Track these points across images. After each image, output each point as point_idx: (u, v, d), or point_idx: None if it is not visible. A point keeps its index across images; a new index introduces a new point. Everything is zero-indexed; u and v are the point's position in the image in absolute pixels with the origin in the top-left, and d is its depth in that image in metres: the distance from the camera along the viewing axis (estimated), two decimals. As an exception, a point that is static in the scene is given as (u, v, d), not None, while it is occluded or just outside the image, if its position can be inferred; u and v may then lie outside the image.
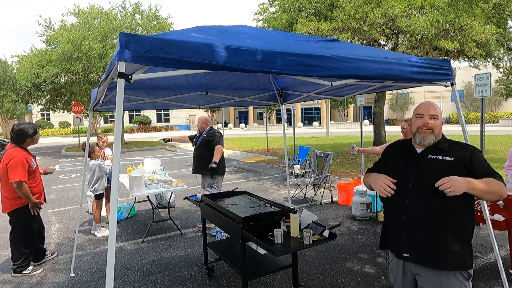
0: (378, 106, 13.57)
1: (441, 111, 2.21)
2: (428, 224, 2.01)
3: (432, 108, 2.13)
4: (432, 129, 2.10)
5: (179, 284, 3.70)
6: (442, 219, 1.99)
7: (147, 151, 19.30)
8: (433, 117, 2.11)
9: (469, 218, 2.04)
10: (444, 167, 2.03)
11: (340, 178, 9.13)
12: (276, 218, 3.02)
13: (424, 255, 2.02)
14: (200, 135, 5.48)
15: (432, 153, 2.10)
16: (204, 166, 5.18)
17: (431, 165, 2.07)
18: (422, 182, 2.04)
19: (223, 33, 2.59)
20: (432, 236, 2.00)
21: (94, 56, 16.01)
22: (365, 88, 4.01)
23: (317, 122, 44.44)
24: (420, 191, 2.04)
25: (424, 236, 2.03)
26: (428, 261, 2.01)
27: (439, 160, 2.07)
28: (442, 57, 10.01)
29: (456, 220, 1.99)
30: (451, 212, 1.98)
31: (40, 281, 3.88)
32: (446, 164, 2.04)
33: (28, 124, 4.10)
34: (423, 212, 2.02)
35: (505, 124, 31.22)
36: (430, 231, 2.01)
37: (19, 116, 40.79)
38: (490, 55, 11.48)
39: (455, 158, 2.04)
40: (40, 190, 4.16)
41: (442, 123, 2.16)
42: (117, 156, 1.93)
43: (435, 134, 2.11)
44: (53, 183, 10.17)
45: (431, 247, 2.00)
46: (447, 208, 1.98)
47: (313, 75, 2.25)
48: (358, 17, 10.16)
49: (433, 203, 1.99)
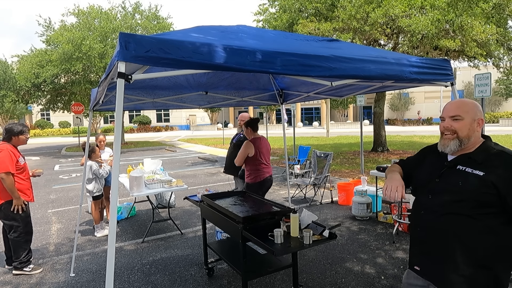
0: (378, 106, 13.58)
1: (479, 108, 1.80)
2: (442, 242, 1.77)
3: (453, 108, 1.79)
4: (456, 133, 1.76)
5: (179, 284, 3.70)
6: (460, 240, 1.71)
7: (147, 151, 19.30)
8: (456, 118, 1.76)
9: (499, 243, 1.67)
10: (467, 183, 1.69)
11: (340, 178, 9.13)
12: (276, 218, 3.02)
13: (433, 272, 1.82)
14: (238, 133, 5.22)
15: (462, 163, 1.76)
16: (233, 167, 4.89)
17: (455, 178, 1.75)
18: (440, 195, 1.78)
19: (222, 33, 2.60)
20: (443, 255, 1.77)
21: (94, 56, 16.02)
22: (365, 88, 4.01)
23: (317, 122, 44.44)
24: (438, 204, 1.78)
25: (435, 253, 1.80)
26: (436, 280, 1.80)
27: (466, 173, 1.72)
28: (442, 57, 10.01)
29: (480, 243, 1.68)
30: (475, 233, 1.68)
31: (40, 281, 3.88)
32: (472, 178, 1.69)
33: (18, 124, 4.10)
34: (437, 229, 1.78)
35: (505, 124, 31.23)
36: (443, 250, 1.77)
37: (19, 116, 40.83)
38: (490, 55, 11.49)
39: (486, 173, 1.66)
40: (26, 188, 4.12)
41: (474, 122, 1.76)
42: (117, 156, 1.93)
43: (461, 138, 1.75)
44: (53, 183, 10.17)
45: (440, 266, 1.78)
46: (471, 229, 1.69)
47: (313, 75, 2.25)
48: (359, 17, 10.17)
49: (452, 220, 1.73)
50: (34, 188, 9.31)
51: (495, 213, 1.65)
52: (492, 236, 1.67)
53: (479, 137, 1.80)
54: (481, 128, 1.79)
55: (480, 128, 1.79)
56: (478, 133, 1.79)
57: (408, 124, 38.71)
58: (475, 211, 1.67)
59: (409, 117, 41.38)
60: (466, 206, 1.68)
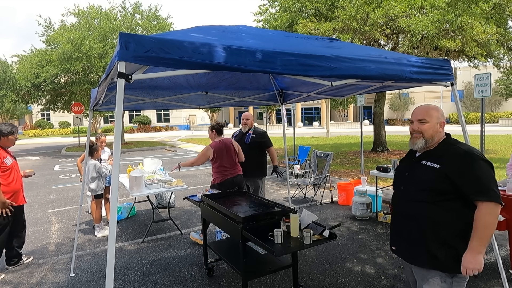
0: (378, 106, 13.57)
1: (441, 112, 2.15)
2: (410, 225, 2.10)
3: (420, 112, 2.13)
4: (422, 133, 2.10)
5: (179, 284, 3.70)
6: (423, 222, 2.03)
7: (147, 151, 19.30)
8: (422, 121, 2.11)
9: (458, 225, 1.96)
10: (426, 175, 2.05)
11: (340, 178, 9.13)
12: (276, 218, 3.02)
13: (405, 251, 2.16)
14: (245, 133, 5.06)
15: (425, 158, 2.10)
16: (255, 168, 4.87)
17: (419, 171, 2.10)
18: (409, 186, 2.14)
19: (222, 33, 2.60)
20: (412, 236, 2.09)
21: (94, 56, 16.01)
22: (365, 88, 4.01)
23: (317, 122, 44.43)
24: (408, 194, 2.13)
25: (407, 235, 2.13)
26: (408, 258, 2.15)
27: (427, 166, 2.07)
28: (442, 57, 10.01)
29: (439, 225, 1.98)
30: (435, 217, 1.99)
31: (40, 281, 3.88)
32: (429, 171, 2.04)
33: (7, 125, 4.05)
34: (407, 214, 2.12)
35: (505, 124, 31.23)
36: (411, 231, 2.10)
37: (19, 116, 40.87)
38: (490, 55, 11.49)
39: (441, 166, 1.99)
40: (13, 190, 4.05)
41: (436, 125, 2.09)
42: (117, 156, 1.93)
43: (426, 137, 2.09)
44: (53, 183, 10.17)
45: (412, 246, 2.10)
46: (429, 213, 2.00)
47: (313, 75, 2.25)
48: (359, 17, 10.17)
49: (417, 206, 2.06)
50: (34, 188, 9.37)
51: (453, 199, 1.96)
52: (452, 218, 1.96)
53: (442, 136, 2.13)
54: (443, 129, 2.14)
55: (442, 129, 2.13)
56: (441, 133, 2.12)
57: (408, 124, 38.66)
58: (435, 198, 1.99)
59: (409, 117, 41.33)
60: (428, 194, 2.02)
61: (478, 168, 1.92)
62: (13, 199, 4.05)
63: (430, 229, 2.00)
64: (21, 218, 4.29)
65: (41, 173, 12.10)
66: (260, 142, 5.01)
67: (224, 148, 4.60)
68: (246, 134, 5.04)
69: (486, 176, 1.91)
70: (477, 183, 1.90)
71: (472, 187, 1.90)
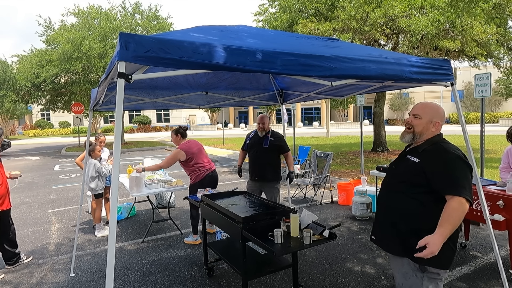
0: (378, 106, 13.57)
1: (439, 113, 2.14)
2: (389, 214, 2.18)
3: (418, 107, 2.17)
4: (412, 128, 2.14)
5: (179, 284, 3.70)
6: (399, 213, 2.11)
7: (147, 151, 19.30)
8: (416, 116, 2.14)
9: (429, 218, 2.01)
10: (406, 169, 2.13)
11: (340, 178, 9.12)
12: (276, 218, 3.02)
13: (382, 239, 2.25)
14: (263, 136, 4.80)
15: (410, 153, 2.17)
16: (274, 173, 4.76)
17: (403, 164, 2.19)
18: (393, 178, 2.22)
19: (223, 33, 2.60)
20: (389, 224, 2.17)
21: (94, 56, 16.01)
22: (365, 88, 4.01)
23: (317, 122, 44.43)
24: (390, 186, 2.22)
25: (384, 224, 2.22)
26: (384, 245, 2.24)
27: (409, 159, 2.14)
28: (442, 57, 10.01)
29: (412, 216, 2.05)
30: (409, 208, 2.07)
31: (40, 281, 3.88)
32: (410, 165, 2.11)
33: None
34: (387, 204, 2.21)
35: (505, 124, 31.20)
36: (389, 220, 2.17)
37: (19, 116, 40.85)
38: (491, 55, 11.49)
39: (420, 160, 2.06)
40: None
41: (429, 123, 2.11)
42: (117, 156, 1.93)
43: (415, 133, 2.13)
44: (53, 183, 10.17)
45: (388, 234, 2.19)
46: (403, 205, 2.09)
47: (313, 75, 2.25)
48: (359, 17, 10.17)
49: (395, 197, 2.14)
50: (34, 188, 9.38)
51: (427, 192, 2.01)
52: (425, 211, 2.02)
53: (433, 135, 2.13)
54: (437, 129, 2.13)
55: (436, 129, 2.13)
56: (433, 133, 2.13)
57: (408, 124, 38.66)
58: (410, 190, 2.07)
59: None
60: (404, 186, 2.10)
61: (452, 166, 1.96)
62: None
63: (404, 219, 2.07)
64: (8, 222, 4.21)
65: (41, 173, 12.10)
66: (279, 146, 4.80)
67: (194, 147, 4.77)
68: (264, 138, 4.77)
69: (459, 174, 1.95)
70: (449, 179, 1.94)
71: (444, 183, 1.95)
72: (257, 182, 4.79)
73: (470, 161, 2.94)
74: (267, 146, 4.72)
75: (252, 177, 4.83)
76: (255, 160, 4.79)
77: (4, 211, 4.09)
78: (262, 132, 4.79)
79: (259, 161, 4.75)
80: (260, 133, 4.80)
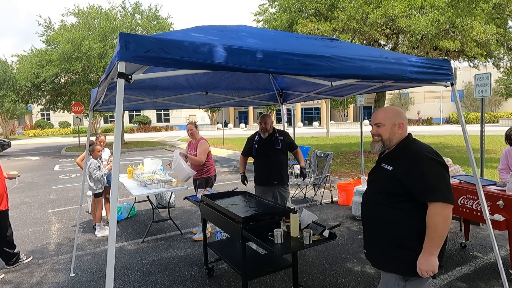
0: (378, 106, 13.58)
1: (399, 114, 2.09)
2: (371, 228, 2.13)
3: (377, 116, 2.13)
4: (380, 136, 2.10)
5: (179, 284, 3.70)
6: (380, 225, 2.04)
7: (147, 151, 19.30)
8: (378, 124, 2.10)
9: (412, 226, 1.92)
10: (381, 177, 2.07)
11: (340, 178, 9.12)
12: (276, 218, 3.02)
13: (369, 253, 2.18)
14: (271, 137, 4.44)
15: (383, 161, 2.12)
16: (287, 173, 4.50)
17: (377, 174, 2.13)
18: (369, 189, 2.17)
19: (223, 32, 2.59)
20: (373, 238, 2.12)
21: (94, 56, 16.01)
22: (365, 88, 4.01)
23: (317, 122, 44.43)
24: (369, 197, 2.16)
25: (369, 237, 2.16)
26: (371, 259, 2.16)
27: (382, 168, 2.08)
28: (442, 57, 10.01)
29: (393, 226, 1.97)
30: (389, 218, 1.99)
31: (40, 281, 3.88)
32: (384, 173, 2.05)
33: None
34: (368, 216, 2.14)
35: (505, 124, 31.18)
36: (372, 234, 2.12)
37: (19, 116, 40.84)
38: (490, 55, 11.49)
39: (394, 168, 2.00)
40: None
41: (393, 127, 2.06)
42: (117, 156, 1.93)
43: (384, 140, 2.09)
44: (53, 183, 10.17)
45: (372, 247, 2.13)
46: (384, 215, 2.01)
47: (313, 74, 2.25)
48: (359, 17, 10.17)
49: (374, 209, 2.08)
50: (34, 188, 9.37)
51: (405, 200, 1.93)
52: (406, 220, 1.94)
53: (402, 137, 2.09)
54: (403, 130, 2.08)
55: (402, 130, 2.08)
56: (401, 135, 2.08)
57: (408, 124, 38.31)
58: (389, 200, 1.98)
59: (409, 117, 41.36)
60: (382, 196, 2.02)
61: (425, 168, 1.88)
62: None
63: (386, 231, 2.00)
64: (5, 223, 4.19)
65: (41, 173, 12.09)
66: (289, 144, 4.53)
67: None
68: (274, 138, 4.41)
69: (433, 176, 1.87)
70: (423, 183, 1.87)
71: (418, 187, 1.88)
72: (272, 187, 4.40)
73: (470, 161, 2.95)
74: (280, 147, 4.39)
75: (268, 183, 4.41)
76: (271, 164, 4.38)
77: (1, 212, 4.08)
78: (265, 133, 4.41)
79: (275, 163, 4.38)
80: (263, 134, 4.43)
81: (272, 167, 4.40)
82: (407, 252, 1.93)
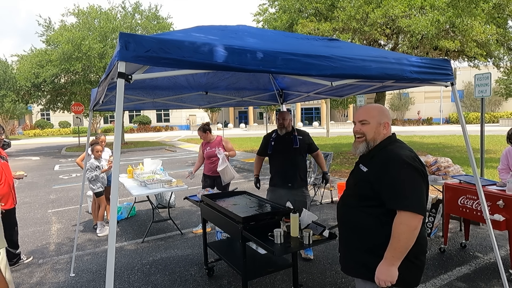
0: (378, 106, 13.56)
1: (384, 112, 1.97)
2: (343, 231, 2.04)
3: (361, 113, 1.98)
4: (364, 136, 1.95)
5: (179, 284, 3.70)
6: (351, 229, 1.97)
7: (147, 151, 19.30)
8: (363, 122, 1.96)
9: (383, 233, 1.81)
10: (354, 179, 1.99)
11: (340, 178, 9.12)
12: (276, 218, 3.02)
13: (341, 257, 2.10)
14: (289, 135, 4.15)
15: (361, 162, 2.00)
16: (304, 176, 4.22)
17: (354, 175, 2.03)
18: (346, 190, 2.07)
19: (223, 32, 2.60)
20: (344, 242, 2.04)
21: (94, 56, 16.01)
22: (365, 88, 4.01)
23: (317, 122, 44.43)
24: (343, 199, 2.07)
25: (341, 241, 2.09)
26: (341, 264, 2.08)
27: (359, 169, 1.97)
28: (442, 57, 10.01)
29: (364, 232, 1.88)
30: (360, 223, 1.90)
31: (40, 281, 3.88)
32: (358, 175, 1.95)
33: None
34: (341, 220, 2.06)
35: (505, 124, 31.19)
36: (342, 237, 2.05)
37: (19, 116, 40.86)
38: (490, 55, 11.48)
39: (368, 169, 1.89)
40: (1, 194, 3.95)
41: (379, 126, 1.93)
42: (117, 156, 1.93)
43: (368, 140, 1.94)
44: (53, 183, 10.17)
45: (344, 253, 2.05)
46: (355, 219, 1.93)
47: (313, 74, 2.24)
48: (359, 17, 10.16)
49: (347, 212, 1.99)
50: (34, 188, 9.37)
51: (376, 205, 1.82)
52: (377, 226, 1.83)
53: (384, 138, 1.96)
54: (387, 130, 1.96)
55: (386, 131, 1.96)
56: (384, 135, 1.95)
57: (408, 124, 38.71)
58: (360, 203, 1.89)
59: (409, 117, 41.39)
60: (353, 199, 1.94)
61: (396, 174, 1.76)
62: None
63: (357, 236, 1.91)
64: (12, 221, 4.18)
65: (41, 173, 12.09)
66: (309, 145, 4.24)
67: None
68: (292, 137, 4.12)
69: (404, 183, 1.74)
70: (392, 190, 1.76)
71: (387, 193, 1.77)
72: (289, 190, 4.06)
73: (470, 161, 2.95)
74: (298, 146, 4.09)
75: (283, 185, 4.10)
76: (286, 164, 4.10)
77: (8, 210, 4.09)
78: (282, 130, 4.15)
79: (291, 164, 4.10)
80: (280, 131, 4.18)
81: (288, 168, 4.09)
82: (378, 259, 1.81)
